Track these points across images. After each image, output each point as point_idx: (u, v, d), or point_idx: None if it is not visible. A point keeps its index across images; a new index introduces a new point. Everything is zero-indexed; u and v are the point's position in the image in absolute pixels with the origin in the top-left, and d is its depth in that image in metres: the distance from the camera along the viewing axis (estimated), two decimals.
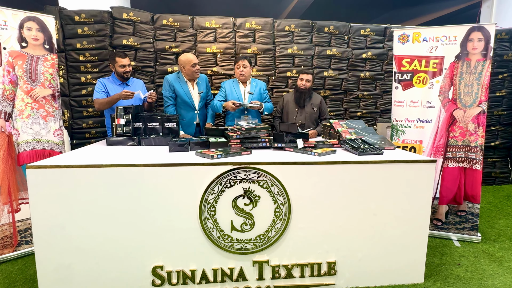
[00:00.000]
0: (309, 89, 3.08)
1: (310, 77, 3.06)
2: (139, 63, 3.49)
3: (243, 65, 2.90)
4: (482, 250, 2.44)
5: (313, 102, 3.13)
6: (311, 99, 3.13)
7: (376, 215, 1.88)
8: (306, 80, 3.04)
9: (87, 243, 1.69)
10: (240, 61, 2.91)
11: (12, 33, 2.28)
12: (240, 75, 2.94)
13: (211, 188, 1.73)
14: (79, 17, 3.27)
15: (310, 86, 3.07)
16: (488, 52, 2.48)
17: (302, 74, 3.07)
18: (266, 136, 2.21)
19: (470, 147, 2.57)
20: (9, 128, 2.28)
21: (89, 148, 2.20)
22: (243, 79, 2.96)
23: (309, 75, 3.06)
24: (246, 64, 2.91)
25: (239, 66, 2.92)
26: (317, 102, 3.14)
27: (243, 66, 2.90)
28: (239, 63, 2.91)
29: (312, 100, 3.13)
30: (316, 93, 3.40)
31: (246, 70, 2.92)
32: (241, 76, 2.94)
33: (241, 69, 2.91)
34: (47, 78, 2.44)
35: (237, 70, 2.94)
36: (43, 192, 1.63)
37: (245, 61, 2.90)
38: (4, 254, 2.23)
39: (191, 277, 1.79)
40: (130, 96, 2.53)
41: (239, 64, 2.91)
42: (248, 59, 2.93)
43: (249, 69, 2.95)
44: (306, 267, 1.87)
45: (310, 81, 3.06)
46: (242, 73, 2.92)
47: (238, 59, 2.93)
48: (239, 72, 2.93)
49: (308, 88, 3.07)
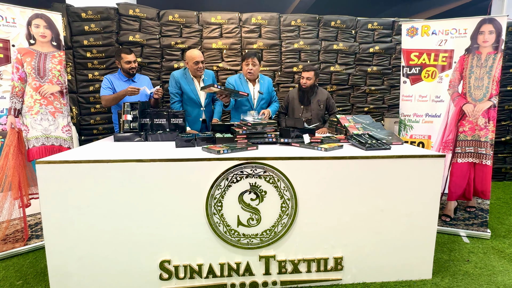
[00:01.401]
0: (311, 87, 2.98)
1: (311, 74, 2.93)
2: (145, 59, 3.50)
3: (252, 62, 2.76)
4: (492, 246, 2.41)
5: (320, 98, 3.05)
6: (316, 96, 3.05)
7: (384, 211, 1.86)
8: (307, 78, 2.94)
9: (95, 237, 1.71)
10: (250, 58, 2.76)
11: (21, 30, 2.31)
12: (248, 73, 2.80)
13: (217, 183, 1.73)
14: (86, 14, 3.29)
15: (311, 83, 2.96)
16: (499, 45, 2.42)
17: (303, 72, 2.97)
18: (272, 131, 2.20)
19: (480, 142, 2.52)
20: (19, 124, 2.32)
21: (97, 144, 2.23)
22: (251, 77, 2.85)
23: (310, 72, 2.93)
24: (256, 62, 2.78)
25: (248, 63, 2.77)
26: (323, 98, 3.06)
27: (253, 64, 2.76)
28: (249, 60, 2.76)
29: (318, 97, 3.05)
30: (323, 88, 3.34)
31: (255, 68, 2.79)
32: (249, 75, 2.81)
33: (250, 67, 2.77)
34: (55, 75, 2.46)
35: (246, 67, 2.79)
36: (53, 187, 1.65)
37: (255, 59, 2.76)
38: (15, 248, 2.28)
39: (198, 272, 1.80)
40: (135, 92, 2.54)
41: (248, 61, 2.76)
42: (258, 56, 2.78)
43: (258, 67, 2.83)
44: (313, 262, 1.87)
45: (311, 79, 2.94)
46: (251, 72, 2.78)
47: (248, 56, 2.77)
48: (248, 70, 2.79)
49: (310, 85, 2.96)
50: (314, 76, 2.95)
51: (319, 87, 3.15)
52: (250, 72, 2.80)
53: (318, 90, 3.08)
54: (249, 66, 2.78)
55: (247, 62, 2.78)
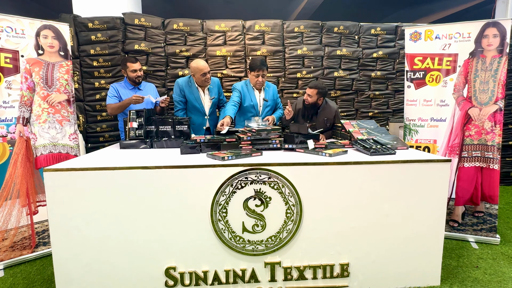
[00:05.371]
0: (312, 105, 2.78)
1: (312, 92, 2.72)
2: (150, 68, 3.55)
3: (262, 74, 2.75)
4: (501, 252, 2.36)
5: (327, 116, 2.85)
6: (324, 113, 2.85)
7: (389, 216, 1.84)
8: (308, 94, 2.74)
9: (102, 244, 1.72)
10: (260, 71, 2.73)
11: (29, 41, 2.36)
12: (256, 83, 2.79)
13: (222, 190, 1.74)
14: (92, 24, 3.36)
15: (313, 101, 2.75)
16: (504, 48, 2.41)
17: (307, 88, 2.81)
18: (277, 137, 2.21)
19: (486, 146, 2.50)
20: (27, 132, 2.36)
21: (103, 152, 2.25)
22: (259, 88, 2.87)
23: (311, 90, 2.72)
24: (265, 74, 2.79)
25: (258, 75, 2.74)
26: (331, 116, 2.86)
27: (263, 76, 2.75)
28: (259, 72, 2.73)
29: (325, 114, 2.85)
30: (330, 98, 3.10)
31: (264, 79, 2.81)
32: (258, 85, 2.82)
33: (260, 78, 2.76)
34: (62, 84, 2.51)
35: (254, 78, 2.77)
36: (60, 195, 1.67)
37: (266, 71, 2.77)
38: (23, 255, 2.30)
39: (203, 278, 1.80)
40: (140, 101, 2.57)
41: (259, 73, 2.73)
42: (267, 66, 2.76)
43: (266, 78, 2.85)
44: (319, 269, 1.85)
45: (312, 96, 2.72)
46: (259, 82, 2.78)
47: (258, 67, 2.73)
48: (256, 81, 2.77)
49: (311, 103, 2.76)
50: (316, 95, 2.72)
51: (328, 101, 2.91)
52: (259, 83, 2.80)
53: (326, 106, 2.86)
54: (259, 78, 2.77)
55: (257, 73, 2.75)
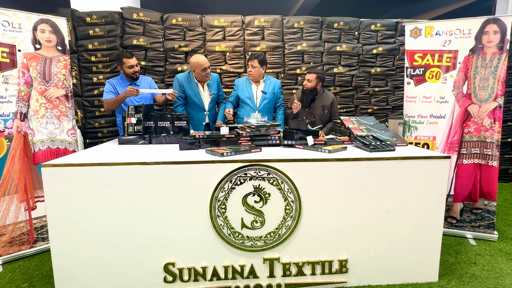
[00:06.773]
0: (311, 90, 2.87)
1: (312, 76, 2.84)
2: (149, 63, 3.52)
3: (252, 65, 2.86)
4: (499, 248, 2.38)
5: (324, 103, 2.94)
6: (322, 100, 2.95)
7: (388, 213, 1.85)
8: (307, 79, 2.86)
9: (100, 239, 1.72)
10: (250, 61, 2.88)
11: (26, 35, 2.34)
12: (248, 75, 2.94)
13: (221, 186, 1.73)
14: (90, 18, 3.33)
15: (312, 86, 2.85)
16: (504, 45, 2.40)
17: (306, 74, 2.92)
18: (276, 133, 2.20)
19: (485, 143, 2.50)
20: (24, 128, 2.34)
21: (102, 147, 2.24)
22: (252, 79, 2.95)
23: (311, 75, 2.84)
24: (255, 65, 2.84)
25: (248, 66, 2.91)
26: (328, 103, 2.94)
27: (252, 66, 2.86)
28: (249, 63, 2.90)
29: (323, 101, 2.94)
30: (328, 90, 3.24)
31: (255, 70, 2.86)
32: (250, 76, 2.94)
33: (249, 69, 2.89)
34: (60, 79, 2.49)
35: (247, 69, 2.94)
36: (58, 190, 1.66)
37: (255, 61, 2.84)
38: (21, 250, 2.30)
39: (202, 274, 1.80)
40: (134, 92, 2.52)
41: (249, 64, 2.90)
42: (259, 59, 2.83)
43: (259, 69, 2.86)
44: (317, 265, 1.86)
45: (312, 81, 2.83)
46: (250, 73, 2.91)
47: (249, 59, 2.91)
48: (248, 72, 2.94)
49: (310, 88, 2.86)
50: (315, 79, 2.84)
51: (326, 90, 3.04)
52: (250, 74, 2.92)
53: (323, 94, 2.97)
54: (249, 68, 2.91)
55: (248, 65, 2.93)
